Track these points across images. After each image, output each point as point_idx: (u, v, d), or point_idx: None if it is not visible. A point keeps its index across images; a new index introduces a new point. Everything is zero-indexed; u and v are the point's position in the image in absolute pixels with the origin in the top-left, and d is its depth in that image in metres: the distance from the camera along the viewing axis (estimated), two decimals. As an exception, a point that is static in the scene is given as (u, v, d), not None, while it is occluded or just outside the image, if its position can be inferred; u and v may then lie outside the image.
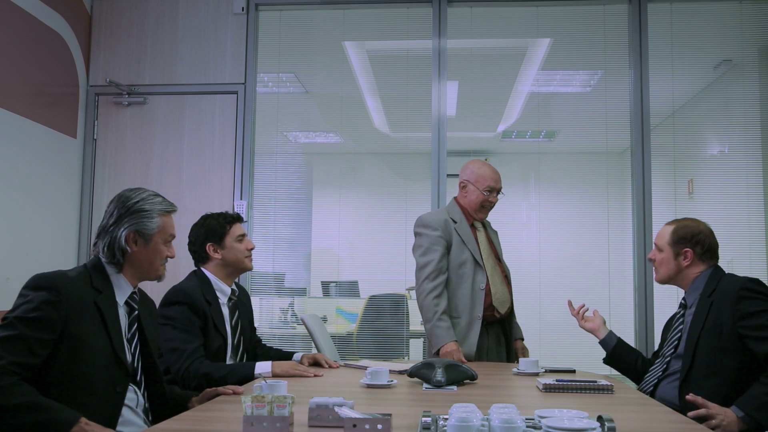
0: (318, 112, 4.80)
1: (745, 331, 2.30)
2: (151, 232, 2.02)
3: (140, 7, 4.34)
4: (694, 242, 2.54)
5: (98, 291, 1.95)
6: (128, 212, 2.00)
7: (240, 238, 2.72)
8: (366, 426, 1.44)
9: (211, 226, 2.70)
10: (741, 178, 4.13)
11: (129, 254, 2.01)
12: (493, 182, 3.10)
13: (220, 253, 2.68)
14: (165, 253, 2.08)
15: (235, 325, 2.70)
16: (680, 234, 2.56)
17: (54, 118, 3.97)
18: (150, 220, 2.02)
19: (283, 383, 1.91)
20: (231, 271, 2.73)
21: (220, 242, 2.68)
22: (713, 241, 2.57)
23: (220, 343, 2.57)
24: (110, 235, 2.00)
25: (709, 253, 2.54)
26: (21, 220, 3.63)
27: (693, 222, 2.61)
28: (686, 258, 2.54)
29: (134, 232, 2.00)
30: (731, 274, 2.52)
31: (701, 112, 4.39)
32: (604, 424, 1.45)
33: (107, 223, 2.02)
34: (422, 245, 3.03)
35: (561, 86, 4.63)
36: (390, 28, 4.43)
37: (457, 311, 2.99)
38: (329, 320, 4.72)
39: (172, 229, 2.10)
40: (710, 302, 2.42)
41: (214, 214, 2.75)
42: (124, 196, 2.04)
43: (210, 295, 2.61)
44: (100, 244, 2.01)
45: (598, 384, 2.16)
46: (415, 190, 4.32)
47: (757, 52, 4.14)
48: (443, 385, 2.17)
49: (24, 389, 1.73)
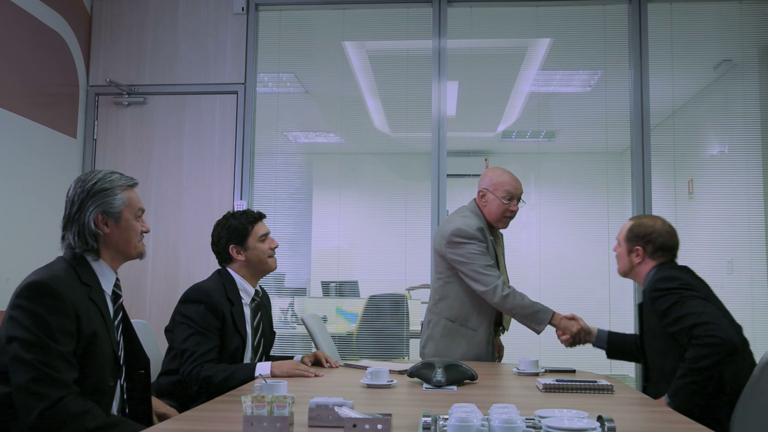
0: (318, 112, 4.80)
1: (670, 328, 2.38)
2: (119, 209, 1.96)
3: (140, 7, 4.34)
4: (646, 241, 2.58)
5: (88, 285, 1.90)
6: (89, 195, 1.93)
7: (263, 238, 2.69)
8: (366, 426, 1.44)
9: (233, 227, 2.66)
10: (741, 178, 4.13)
11: (102, 237, 1.94)
12: (512, 188, 2.97)
13: (243, 255, 2.65)
14: (139, 228, 2.01)
15: (257, 326, 2.68)
16: (634, 232, 2.61)
17: (54, 118, 3.97)
18: (114, 197, 1.95)
19: (283, 383, 1.91)
20: (255, 272, 2.71)
21: (243, 243, 2.65)
22: (668, 240, 2.58)
23: (238, 344, 2.55)
24: (77, 223, 1.92)
25: (660, 251, 2.57)
26: (21, 220, 3.63)
27: (651, 220, 2.65)
28: (637, 255, 2.59)
29: (101, 213, 1.93)
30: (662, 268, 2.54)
31: (701, 112, 4.39)
32: (604, 424, 1.45)
33: (71, 212, 1.94)
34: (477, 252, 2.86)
35: (561, 86, 4.63)
36: (390, 28, 4.43)
37: (472, 323, 2.93)
38: (329, 320, 4.72)
39: (139, 203, 2.03)
40: (641, 306, 2.56)
41: (237, 214, 2.71)
42: (81, 180, 1.96)
43: (233, 295, 2.59)
44: (69, 236, 1.93)
45: (598, 384, 2.16)
46: (415, 190, 4.32)
47: (757, 52, 4.14)
48: (443, 385, 2.17)
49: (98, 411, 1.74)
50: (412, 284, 4.24)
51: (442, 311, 2.99)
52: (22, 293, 1.78)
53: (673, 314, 2.36)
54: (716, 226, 4.18)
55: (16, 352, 1.71)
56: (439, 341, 2.96)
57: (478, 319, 2.93)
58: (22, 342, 1.71)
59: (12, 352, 1.72)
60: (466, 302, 2.93)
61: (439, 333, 2.97)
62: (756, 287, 4.00)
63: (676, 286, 2.41)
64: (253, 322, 2.66)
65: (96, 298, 1.90)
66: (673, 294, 2.39)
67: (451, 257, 2.92)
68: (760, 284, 4.00)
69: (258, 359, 2.68)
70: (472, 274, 2.86)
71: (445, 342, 2.94)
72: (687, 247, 4.10)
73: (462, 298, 2.94)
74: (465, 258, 2.87)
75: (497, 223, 3.02)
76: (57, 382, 1.70)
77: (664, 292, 2.42)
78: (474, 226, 2.92)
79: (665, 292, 2.41)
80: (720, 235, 4.19)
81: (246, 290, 2.66)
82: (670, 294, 2.40)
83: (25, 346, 1.71)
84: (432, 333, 3.00)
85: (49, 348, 1.72)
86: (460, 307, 2.95)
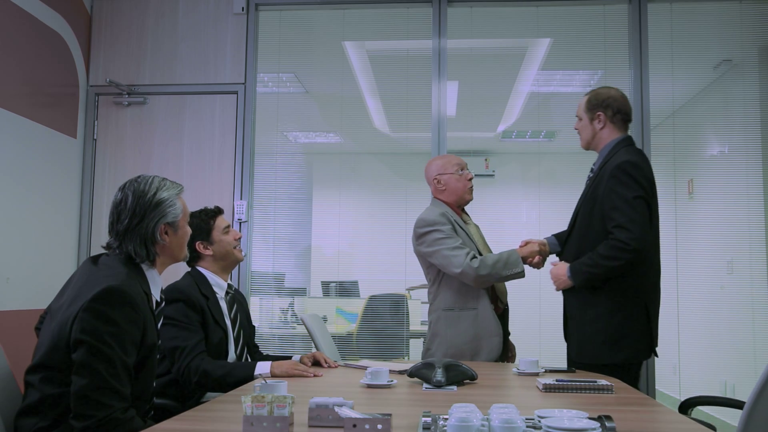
0: (318, 112, 4.80)
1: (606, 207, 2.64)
2: (178, 219, 2.00)
3: (140, 7, 4.34)
4: (605, 106, 2.81)
5: (147, 294, 1.91)
6: (150, 206, 1.94)
7: (226, 230, 2.75)
8: (366, 426, 1.44)
9: (195, 225, 2.68)
10: (741, 178, 4.13)
11: (161, 246, 1.97)
12: (457, 161, 3.13)
13: (210, 249, 2.71)
14: (189, 232, 2.07)
15: (234, 318, 2.73)
16: (593, 101, 2.84)
17: (54, 118, 3.97)
18: (173, 208, 1.98)
19: (283, 383, 1.91)
20: (224, 265, 2.76)
21: (208, 237, 2.71)
22: (623, 104, 2.83)
23: (221, 336, 2.60)
24: (138, 234, 1.92)
25: (619, 115, 2.82)
26: (21, 220, 3.63)
27: (604, 89, 2.89)
28: (599, 121, 2.82)
29: (165, 225, 1.96)
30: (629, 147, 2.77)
31: (701, 112, 4.39)
32: (604, 424, 1.45)
33: (130, 224, 1.92)
34: (442, 238, 2.93)
35: (561, 86, 4.63)
36: (390, 28, 4.43)
37: (470, 303, 2.96)
38: (329, 320, 4.72)
39: (187, 208, 2.07)
40: (599, 174, 2.74)
41: (195, 212, 2.73)
42: (137, 191, 1.95)
43: (207, 290, 2.64)
44: (130, 246, 1.92)
45: (598, 384, 2.16)
46: (415, 190, 4.32)
47: (757, 52, 4.14)
48: (443, 385, 2.17)
49: None
50: (412, 284, 4.24)
51: (439, 305, 3.03)
52: (100, 297, 1.76)
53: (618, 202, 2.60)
54: (716, 226, 4.18)
55: (84, 356, 1.71)
56: (446, 333, 2.98)
57: (474, 298, 2.96)
58: (93, 348, 1.71)
59: (80, 355, 1.72)
60: (456, 288, 2.98)
61: (443, 327, 2.99)
62: (756, 287, 4.00)
63: (643, 185, 2.63)
64: (230, 314, 2.71)
65: (151, 307, 1.93)
66: (634, 188, 2.60)
67: (423, 251, 3.01)
68: (760, 284, 4.00)
69: (240, 351, 2.71)
70: (442, 261, 2.92)
71: (451, 332, 2.97)
72: (687, 247, 4.13)
73: (453, 287, 2.99)
74: (431, 246, 2.95)
75: (465, 196, 3.11)
76: (118, 394, 1.72)
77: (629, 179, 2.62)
78: (435, 213, 3.02)
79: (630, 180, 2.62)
80: (720, 235, 4.19)
81: (219, 284, 2.71)
82: (633, 185, 2.61)
83: (95, 352, 1.71)
84: (436, 329, 3.01)
85: (118, 359, 1.73)
86: (454, 294, 2.99)
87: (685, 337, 4.04)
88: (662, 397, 4.14)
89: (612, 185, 2.64)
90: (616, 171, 2.65)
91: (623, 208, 2.59)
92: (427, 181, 3.21)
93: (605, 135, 2.83)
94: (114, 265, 1.91)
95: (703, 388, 4.16)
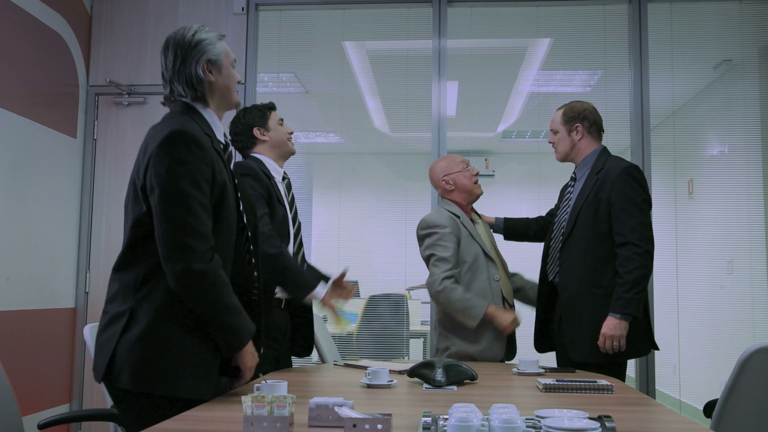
0: (318, 112, 4.80)
1: (612, 207, 2.75)
2: (220, 57, 2.01)
3: (140, 7, 4.34)
4: (582, 117, 2.95)
5: (209, 135, 1.93)
6: (190, 47, 1.96)
7: (281, 122, 2.83)
8: (366, 426, 1.44)
9: (253, 113, 2.80)
10: (741, 178, 4.13)
11: (207, 84, 1.99)
12: (460, 159, 3.17)
13: (267, 135, 2.78)
14: (236, 76, 2.08)
15: (291, 201, 2.81)
16: (569, 114, 2.98)
17: (54, 118, 3.96)
18: (213, 46, 1.99)
19: (284, 383, 1.91)
20: (279, 153, 2.83)
21: (265, 125, 2.79)
22: (596, 116, 2.98)
23: (283, 213, 2.68)
24: (184, 75, 1.96)
25: (595, 126, 2.96)
26: (21, 220, 3.63)
27: (578, 102, 3.03)
28: (578, 132, 2.95)
29: (206, 62, 1.97)
30: (616, 156, 2.93)
31: (701, 112, 4.39)
32: (604, 424, 1.45)
33: (175, 65, 1.96)
34: (434, 243, 2.96)
35: (561, 86, 4.63)
36: (390, 28, 4.43)
37: None
38: (329, 320, 4.71)
39: (230, 52, 2.08)
40: (597, 179, 2.83)
41: (250, 107, 2.83)
42: (176, 38, 1.97)
43: (268, 172, 2.71)
44: (177, 87, 1.97)
45: (598, 384, 2.16)
46: (415, 190, 4.32)
47: (757, 52, 4.14)
48: (443, 385, 2.17)
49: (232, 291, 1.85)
50: (412, 284, 4.24)
51: None
52: (165, 142, 1.81)
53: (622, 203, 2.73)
54: (716, 226, 4.18)
55: (159, 200, 1.76)
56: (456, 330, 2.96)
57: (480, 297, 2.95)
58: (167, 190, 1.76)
59: (156, 200, 1.77)
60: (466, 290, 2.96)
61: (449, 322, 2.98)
62: (756, 287, 4.00)
63: (647, 189, 2.82)
64: (287, 198, 2.79)
65: (217, 148, 1.95)
66: (641, 192, 2.76)
67: (421, 253, 3.05)
68: (760, 284, 3.99)
69: (296, 231, 2.79)
70: (430, 257, 2.98)
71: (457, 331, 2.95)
72: (687, 247, 4.13)
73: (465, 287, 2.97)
74: (427, 250, 3.00)
75: (474, 191, 3.12)
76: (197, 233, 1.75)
77: (637, 183, 2.77)
78: (438, 214, 3.04)
79: (637, 185, 2.77)
80: (720, 235, 4.19)
81: (276, 170, 2.78)
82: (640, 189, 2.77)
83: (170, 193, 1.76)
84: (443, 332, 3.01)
85: (194, 198, 1.77)
86: None
87: (685, 337, 4.04)
88: (662, 397, 4.13)
89: (621, 187, 2.76)
90: (625, 174, 2.77)
91: (633, 210, 2.74)
92: (434, 185, 3.21)
93: (584, 145, 2.95)
94: (172, 115, 1.96)
95: (703, 388, 4.16)
